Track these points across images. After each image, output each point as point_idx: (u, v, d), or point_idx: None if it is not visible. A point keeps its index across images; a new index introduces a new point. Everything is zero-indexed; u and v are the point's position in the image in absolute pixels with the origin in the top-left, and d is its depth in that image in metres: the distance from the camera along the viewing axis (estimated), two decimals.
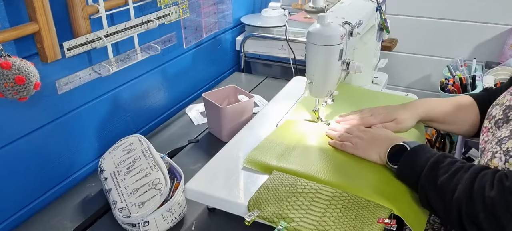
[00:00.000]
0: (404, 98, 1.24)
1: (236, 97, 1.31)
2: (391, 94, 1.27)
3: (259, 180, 0.88)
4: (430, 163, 0.78)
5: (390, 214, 0.78)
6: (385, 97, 1.25)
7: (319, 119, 1.09)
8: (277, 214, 0.78)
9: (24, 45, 0.90)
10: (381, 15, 1.18)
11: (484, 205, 0.68)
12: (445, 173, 0.76)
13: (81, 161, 1.14)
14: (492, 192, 0.68)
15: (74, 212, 1.00)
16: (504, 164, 0.75)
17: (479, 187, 0.70)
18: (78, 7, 0.98)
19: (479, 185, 0.70)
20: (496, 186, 0.68)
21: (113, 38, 1.08)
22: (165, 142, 1.27)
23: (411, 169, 0.82)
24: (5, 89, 0.82)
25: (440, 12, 1.84)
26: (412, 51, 1.96)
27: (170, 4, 1.27)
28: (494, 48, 1.80)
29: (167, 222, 0.89)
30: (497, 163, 0.76)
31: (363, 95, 1.25)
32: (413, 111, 1.01)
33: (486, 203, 0.68)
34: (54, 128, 1.03)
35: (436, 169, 0.77)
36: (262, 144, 0.99)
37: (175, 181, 0.95)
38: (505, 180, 0.68)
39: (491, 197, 0.67)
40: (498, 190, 0.68)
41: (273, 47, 1.72)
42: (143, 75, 1.29)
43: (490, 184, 0.69)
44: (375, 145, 0.91)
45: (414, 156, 0.82)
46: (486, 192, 0.68)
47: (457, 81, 1.59)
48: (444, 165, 0.77)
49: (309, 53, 0.96)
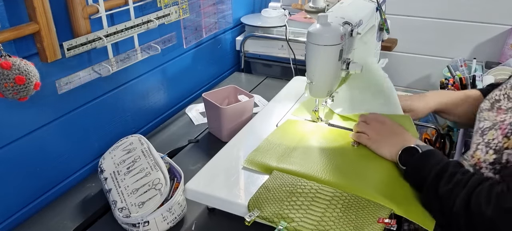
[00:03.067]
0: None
1: (236, 97, 1.31)
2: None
3: (259, 180, 0.88)
4: (434, 172, 0.79)
5: (390, 214, 0.78)
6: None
7: (319, 118, 1.09)
8: (277, 214, 0.78)
9: (24, 45, 0.90)
10: (381, 15, 1.18)
11: (483, 224, 0.70)
12: (446, 184, 0.77)
13: (81, 161, 1.14)
14: (489, 210, 0.69)
15: (74, 212, 1.00)
16: (484, 155, 0.77)
17: (476, 204, 0.71)
18: (78, 7, 0.98)
19: (476, 202, 0.71)
20: (493, 205, 0.69)
21: (113, 38, 1.08)
22: (165, 142, 1.27)
23: (417, 174, 0.83)
24: (5, 89, 0.82)
25: (440, 12, 1.84)
26: (412, 51, 1.96)
27: (170, 4, 1.27)
28: (494, 48, 1.80)
29: (167, 222, 0.89)
30: (480, 155, 0.79)
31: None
32: (428, 102, 1.07)
33: (485, 222, 0.70)
34: (54, 128, 1.03)
35: (439, 179, 0.78)
36: (262, 145, 0.99)
37: (175, 181, 0.95)
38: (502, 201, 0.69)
39: (490, 217, 0.69)
40: (495, 210, 0.69)
41: (273, 47, 1.72)
42: (143, 75, 1.29)
43: (487, 201, 0.70)
44: (389, 143, 0.92)
45: (422, 161, 0.83)
46: (482, 209, 0.70)
47: (457, 81, 1.59)
48: (446, 175, 0.78)
49: (309, 53, 0.95)
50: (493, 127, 0.80)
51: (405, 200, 0.81)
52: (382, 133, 0.95)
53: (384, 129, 0.96)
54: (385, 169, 0.89)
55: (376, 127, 0.97)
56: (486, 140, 0.79)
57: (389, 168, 0.89)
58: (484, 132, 0.81)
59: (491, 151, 0.77)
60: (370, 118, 1.00)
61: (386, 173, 0.88)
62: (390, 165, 0.90)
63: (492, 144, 0.77)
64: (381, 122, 0.98)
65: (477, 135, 0.83)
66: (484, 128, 0.82)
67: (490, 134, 0.79)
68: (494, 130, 0.79)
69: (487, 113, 0.86)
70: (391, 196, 0.81)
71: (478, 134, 0.83)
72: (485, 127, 0.82)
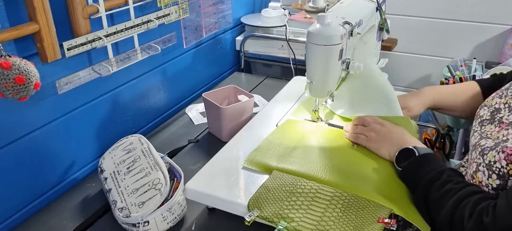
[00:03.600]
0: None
1: (236, 97, 1.31)
2: None
3: (259, 180, 0.88)
4: (427, 178, 0.79)
5: (390, 214, 0.77)
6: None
7: (319, 118, 1.09)
8: (277, 214, 0.78)
9: (24, 45, 0.90)
10: (381, 15, 1.18)
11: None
12: (436, 191, 0.77)
13: (81, 161, 1.14)
14: (470, 223, 0.69)
15: (74, 212, 1.00)
16: (487, 180, 0.75)
17: (458, 217, 0.71)
18: (78, 7, 0.98)
19: (459, 215, 0.71)
20: (474, 219, 0.69)
21: (113, 38, 1.08)
22: (165, 142, 1.27)
23: (412, 176, 0.83)
24: (5, 89, 0.82)
25: (440, 12, 1.84)
26: (412, 51, 1.96)
27: (170, 4, 1.27)
28: (494, 48, 1.80)
29: (167, 222, 0.89)
30: (481, 178, 0.77)
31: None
32: (422, 99, 1.06)
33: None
34: (54, 128, 1.03)
35: (430, 185, 0.78)
36: (262, 145, 0.98)
37: (175, 181, 0.95)
38: (484, 216, 0.68)
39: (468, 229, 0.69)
40: (475, 225, 0.69)
41: (273, 47, 1.72)
42: (143, 75, 1.29)
43: (469, 215, 0.70)
44: (388, 143, 0.92)
45: (418, 165, 0.83)
46: (464, 223, 0.70)
47: (457, 81, 1.59)
48: (438, 183, 0.77)
49: (309, 53, 0.95)
50: (495, 147, 0.75)
51: (404, 200, 0.81)
52: (381, 133, 0.94)
53: (383, 130, 0.95)
54: (385, 169, 0.89)
55: (375, 127, 0.96)
56: (487, 161, 0.76)
57: (389, 168, 0.89)
58: (484, 151, 0.77)
59: (495, 176, 0.74)
60: (368, 120, 0.99)
61: (386, 173, 0.88)
62: (390, 165, 0.90)
63: (494, 167, 0.74)
64: (380, 124, 0.97)
65: (477, 152, 0.80)
66: (484, 147, 0.78)
67: (491, 155, 0.75)
68: (495, 151, 0.75)
69: (489, 127, 0.84)
70: (391, 196, 0.81)
71: (477, 152, 0.80)
72: (486, 146, 0.78)
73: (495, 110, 0.85)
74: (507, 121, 0.81)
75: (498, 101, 0.86)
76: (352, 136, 0.98)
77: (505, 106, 0.84)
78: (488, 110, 0.87)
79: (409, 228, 0.89)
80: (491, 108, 0.87)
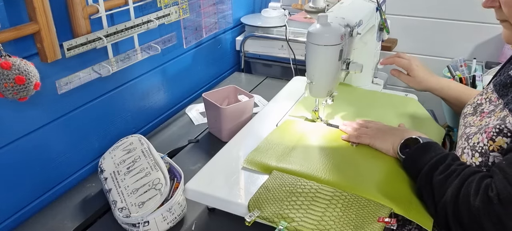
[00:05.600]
0: (403, 98, 1.24)
1: (236, 97, 1.31)
2: (391, 94, 1.27)
3: (259, 180, 0.88)
4: (432, 162, 0.81)
5: (390, 213, 0.78)
6: (384, 97, 1.25)
7: (319, 118, 1.09)
8: (277, 214, 0.78)
9: (24, 45, 0.90)
10: (381, 15, 1.18)
11: (469, 213, 0.71)
12: (441, 173, 0.78)
13: (81, 161, 1.14)
14: (477, 201, 0.70)
15: (74, 212, 1.00)
16: (471, 159, 0.79)
17: (465, 194, 0.72)
18: (78, 7, 0.98)
19: (465, 192, 0.73)
20: (481, 195, 0.70)
21: (113, 38, 1.08)
22: (165, 142, 1.27)
23: (415, 163, 0.84)
24: (5, 89, 0.82)
25: (440, 12, 1.84)
26: (412, 51, 1.96)
27: (170, 4, 1.27)
28: (494, 48, 1.80)
29: (167, 222, 0.89)
30: (466, 159, 0.81)
31: (363, 95, 1.25)
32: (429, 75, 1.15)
33: (471, 211, 0.70)
34: (54, 127, 1.03)
35: (435, 169, 0.79)
36: (262, 145, 0.98)
37: (175, 181, 0.95)
38: (489, 191, 0.70)
39: (476, 207, 0.70)
40: (482, 200, 0.70)
41: (273, 47, 1.72)
42: (143, 75, 1.29)
43: (475, 191, 0.71)
44: (390, 135, 0.94)
45: (422, 151, 0.85)
46: (470, 200, 0.71)
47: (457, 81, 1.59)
48: (443, 166, 0.79)
49: (309, 53, 0.96)
50: (478, 131, 0.81)
51: (405, 199, 0.81)
52: (382, 129, 0.98)
53: (385, 127, 0.99)
54: (385, 168, 0.89)
55: (376, 124, 1.00)
56: (471, 144, 0.81)
57: (389, 167, 0.89)
58: (469, 137, 0.83)
59: (477, 154, 0.79)
60: (367, 120, 1.02)
61: (386, 172, 0.88)
62: (390, 164, 0.90)
63: (477, 147, 0.79)
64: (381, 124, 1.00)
65: (462, 139, 0.85)
66: (469, 133, 0.84)
67: (475, 138, 0.80)
68: (479, 134, 0.80)
69: (472, 118, 0.89)
70: (391, 195, 0.81)
71: (463, 139, 0.85)
72: (470, 132, 0.83)
73: (477, 106, 0.91)
74: (487, 110, 0.86)
75: (479, 98, 0.92)
76: (353, 136, 0.99)
77: (486, 100, 0.89)
78: (471, 106, 0.92)
79: (408, 225, 0.89)
80: (473, 104, 0.92)
